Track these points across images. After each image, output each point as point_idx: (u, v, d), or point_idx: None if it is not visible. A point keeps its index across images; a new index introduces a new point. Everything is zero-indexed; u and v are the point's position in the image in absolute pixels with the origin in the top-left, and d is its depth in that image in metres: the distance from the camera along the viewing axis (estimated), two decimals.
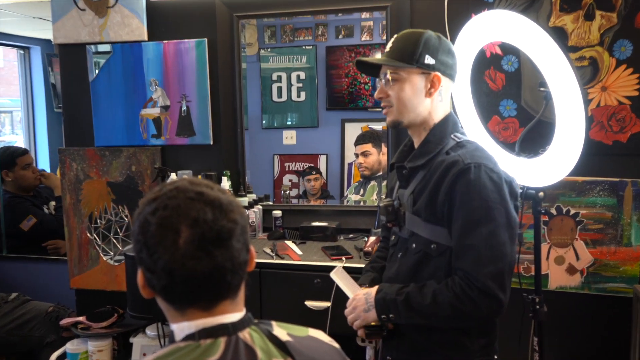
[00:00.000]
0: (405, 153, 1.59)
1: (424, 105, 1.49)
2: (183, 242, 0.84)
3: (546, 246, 2.40)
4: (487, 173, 1.36)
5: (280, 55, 4.18)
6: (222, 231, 0.86)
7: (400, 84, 1.48)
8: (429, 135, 1.50)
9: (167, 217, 0.86)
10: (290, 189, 4.16)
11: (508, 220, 1.36)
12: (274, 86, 4.21)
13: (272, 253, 2.46)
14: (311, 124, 4.19)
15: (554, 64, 1.66)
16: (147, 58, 2.91)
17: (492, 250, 1.33)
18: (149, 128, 2.95)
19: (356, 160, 3.45)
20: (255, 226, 2.76)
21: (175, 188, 0.89)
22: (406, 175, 1.52)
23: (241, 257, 0.90)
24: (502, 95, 2.43)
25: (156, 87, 2.92)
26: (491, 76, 2.44)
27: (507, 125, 2.44)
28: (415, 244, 1.47)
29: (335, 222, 2.74)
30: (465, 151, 1.41)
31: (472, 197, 1.34)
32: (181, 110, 2.90)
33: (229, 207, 0.90)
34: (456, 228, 1.36)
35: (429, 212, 1.42)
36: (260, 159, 4.25)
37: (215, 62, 2.83)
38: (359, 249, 2.46)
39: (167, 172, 2.77)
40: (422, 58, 1.46)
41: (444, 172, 1.39)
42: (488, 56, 2.42)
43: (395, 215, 1.54)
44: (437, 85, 1.48)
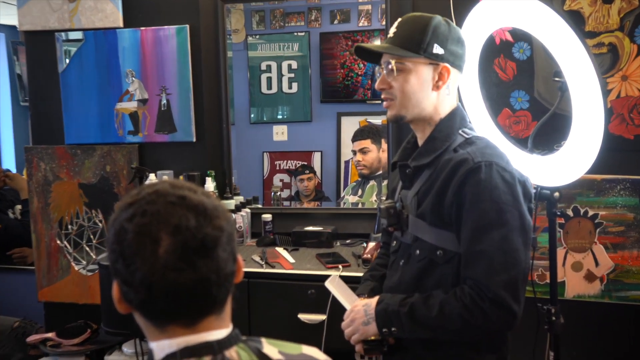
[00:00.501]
0: (409, 150, 1.59)
1: (429, 99, 1.49)
2: (163, 252, 0.84)
3: (562, 251, 2.41)
4: (499, 172, 1.36)
5: (269, 42, 4.18)
6: (207, 239, 0.86)
7: (405, 75, 1.47)
8: (435, 132, 1.50)
9: (146, 224, 0.85)
10: (281, 190, 4.16)
11: (522, 223, 1.36)
12: (263, 77, 4.21)
13: (262, 261, 2.46)
14: (304, 118, 4.19)
15: (570, 52, 1.66)
16: (122, 47, 2.90)
17: (505, 256, 1.33)
18: (125, 124, 2.94)
19: (354, 157, 3.45)
20: (243, 231, 2.76)
21: (155, 192, 0.89)
22: (410, 174, 1.52)
23: (227, 267, 0.89)
24: (513, 85, 2.44)
25: (133, 78, 2.91)
26: (501, 65, 2.44)
27: (519, 119, 2.45)
28: (420, 250, 1.47)
29: (330, 226, 2.75)
30: (475, 148, 1.42)
31: (482, 199, 1.35)
32: (160, 104, 2.90)
33: (214, 212, 0.89)
34: (465, 233, 1.36)
35: (435, 215, 1.42)
36: (248, 157, 4.25)
37: (198, 51, 2.82)
38: (357, 256, 2.46)
39: (146, 172, 2.77)
40: (431, 47, 1.45)
41: (452, 172, 1.39)
42: (498, 43, 2.43)
43: (398, 218, 1.54)
44: (445, 78, 1.48)
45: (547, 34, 1.71)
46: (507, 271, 1.33)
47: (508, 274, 1.32)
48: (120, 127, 2.95)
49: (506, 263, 1.33)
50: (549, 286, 1.85)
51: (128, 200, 0.90)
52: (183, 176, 2.81)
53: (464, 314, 1.35)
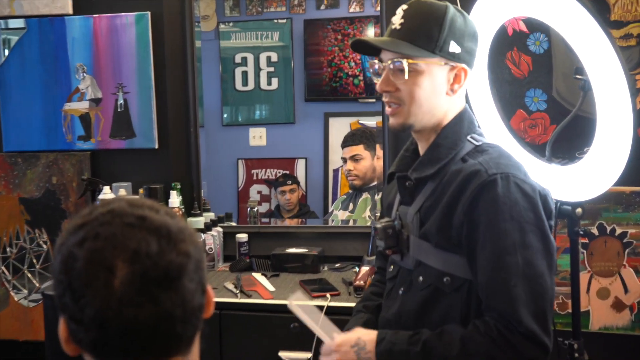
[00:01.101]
0: (408, 159, 1.60)
1: (442, 104, 1.49)
2: (119, 283, 0.83)
3: (586, 276, 2.42)
4: (517, 185, 1.38)
5: (245, 31, 4.19)
6: (171, 268, 0.86)
7: (416, 77, 1.46)
8: (440, 138, 1.50)
9: (99, 249, 0.85)
10: (258, 203, 4.15)
11: (545, 245, 1.37)
12: (238, 71, 4.22)
13: (236, 290, 2.45)
14: (286, 119, 4.20)
15: (592, 45, 1.69)
16: (72, 37, 2.89)
17: (531, 284, 1.34)
18: (74, 128, 2.94)
19: (344, 166, 3.46)
20: (214, 254, 2.75)
21: (110, 211, 0.89)
22: (410, 188, 1.52)
23: (195, 300, 0.89)
24: (529, 83, 2.46)
25: (84, 74, 2.91)
26: (514, 59, 2.47)
27: (535, 122, 2.47)
28: (423, 277, 1.48)
29: (316, 247, 2.75)
30: (488, 158, 1.43)
31: (502, 218, 1.35)
32: (117, 105, 2.89)
33: (180, 235, 0.89)
34: (484, 258, 1.37)
35: (442, 235, 1.43)
36: (221, 165, 4.25)
37: (161, 42, 2.83)
38: (348, 283, 2.46)
39: (99, 185, 2.76)
40: (447, 45, 1.45)
41: (462, 185, 1.40)
42: (510, 34, 2.46)
43: (397, 239, 1.54)
44: (462, 81, 1.49)
45: (565, 24, 1.73)
46: (534, 301, 1.34)
47: (536, 304, 1.34)
48: (69, 131, 2.95)
49: (533, 292, 1.34)
50: (570, 317, 1.87)
51: (78, 221, 0.89)
52: (143, 189, 2.81)
53: (492, 350, 1.35)
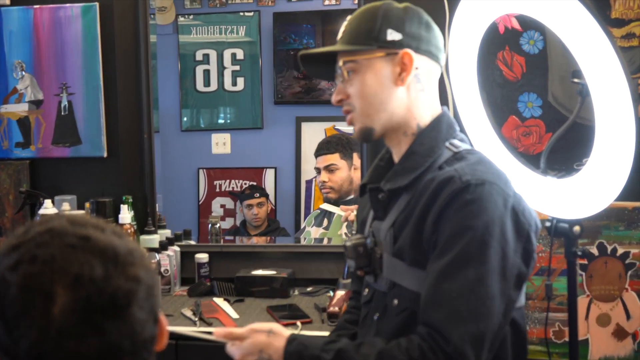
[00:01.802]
0: (382, 169, 1.62)
1: (396, 98, 1.52)
2: (59, 312, 0.83)
3: (585, 300, 2.45)
4: (491, 194, 1.39)
5: (207, 24, 4.20)
6: (118, 295, 0.86)
7: (360, 75, 1.52)
8: (415, 144, 1.52)
9: (36, 274, 0.85)
10: (222, 219, 4.14)
11: (504, 266, 1.38)
12: (199, 69, 4.23)
13: (195, 317, 2.44)
14: (253, 124, 4.21)
15: (590, 45, 1.71)
16: (9, 30, 2.89)
17: (477, 303, 1.35)
18: (11, 133, 2.94)
19: (317, 177, 3.47)
20: (170, 277, 2.75)
21: (49, 230, 0.89)
22: (383, 201, 1.53)
23: (146, 331, 0.90)
24: (522, 87, 2.49)
25: (23, 72, 2.90)
26: (506, 60, 2.50)
27: (529, 130, 2.50)
28: (398, 300, 1.48)
29: (286, 269, 2.75)
30: (465, 164, 1.44)
31: (465, 226, 1.37)
32: (60, 107, 2.89)
33: (128, 258, 0.90)
34: (435, 264, 1.38)
35: (415, 251, 1.44)
36: (179, 176, 4.25)
37: (111, 37, 2.83)
38: (322, 309, 2.47)
39: (39, 198, 2.74)
40: (384, 34, 1.51)
41: (434, 194, 1.41)
42: (502, 32, 2.48)
43: (369, 259, 1.55)
44: (409, 67, 1.51)
45: (560, 22, 1.75)
46: (475, 322, 1.34)
47: (476, 326, 1.34)
48: (5, 137, 2.94)
49: (476, 312, 1.35)
50: (568, 346, 1.88)
51: (12, 241, 0.89)
52: (90, 203, 2.80)
53: None
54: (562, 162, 1.88)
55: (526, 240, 1.43)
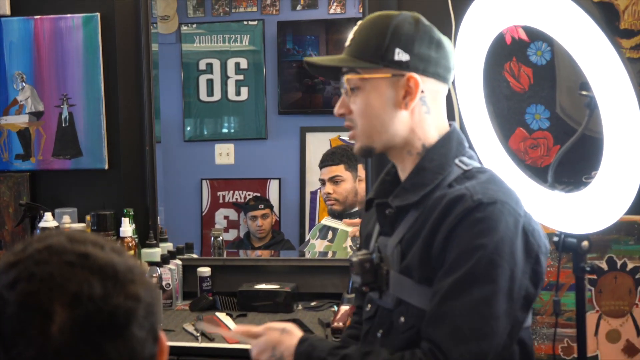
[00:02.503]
0: (388, 184, 1.61)
1: (399, 121, 1.52)
2: (57, 331, 0.83)
3: (594, 316, 2.44)
4: (502, 213, 1.39)
5: (211, 33, 4.21)
6: (117, 313, 0.86)
7: (364, 93, 1.51)
8: (424, 161, 1.52)
9: (34, 292, 0.84)
10: (225, 230, 4.15)
11: (511, 287, 1.39)
12: (202, 79, 4.23)
13: (197, 332, 2.44)
14: (257, 134, 4.22)
15: (597, 57, 1.71)
16: (9, 41, 2.90)
17: (480, 323, 1.36)
18: (11, 145, 2.94)
19: (322, 189, 3.47)
20: (172, 291, 2.75)
21: (47, 247, 0.88)
22: (391, 216, 1.53)
23: (146, 350, 0.89)
24: (530, 98, 2.48)
25: (23, 84, 2.92)
26: (513, 71, 2.50)
27: (537, 142, 2.50)
28: (405, 318, 1.48)
29: (290, 283, 2.75)
30: (476, 183, 1.44)
31: (474, 245, 1.37)
32: (61, 119, 2.90)
33: (128, 275, 0.89)
34: (442, 281, 1.39)
35: (424, 269, 1.44)
36: (182, 187, 4.25)
37: (112, 48, 2.84)
38: (325, 324, 2.47)
39: (39, 211, 2.74)
40: (391, 53, 1.49)
41: (444, 212, 1.41)
42: (509, 43, 2.48)
43: (375, 275, 1.55)
44: (414, 92, 1.50)
45: (566, 33, 1.75)
46: (477, 341, 1.35)
47: (478, 345, 1.35)
48: (5, 149, 2.95)
49: (480, 331, 1.36)
50: None
51: (10, 258, 0.89)
52: (90, 216, 2.79)
53: None
54: (571, 175, 1.88)
55: (535, 262, 1.44)
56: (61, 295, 0.84)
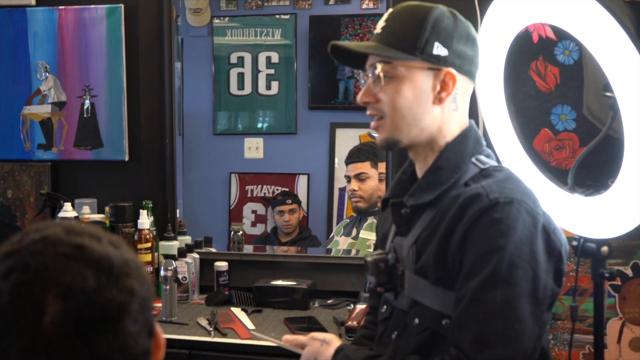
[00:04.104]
0: (405, 183, 1.60)
1: (431, 116, 1.50)
2: (49, 323, 0.83)
3: (617, 323, 2.40)
4: (519, 213, 1.38)
5: (243, 27, 4.21)
6: (110, 307, 0.86)
7: (396, 84, 1.48)
8: (440, 159, 1.51)
9: (27, 283, 0.85)
10: (253, 225, 4.16)
11: (534, 288, 1.37)
12: (233, 72, 4.24)
13: (210, 327, 2.45)
14: (286, 129, 4.21)
15: (618, 57, 1.69)
16: (33, 31, 2.92)
17: (504, 327, 1.34)
18: (34, 134, 2.97)
19: (347, 185, 3.46)
20: (189, 284, 2.76)
21: (43, 238, 0.89)
22: (406, 216, 1.52)
23: (139, 345, 0.89)
24: (556, 98, 2.45)
25: (47, 74, 2.94)
26: (539, 71, 2.47)
27: (562, 144, 2.46)
28: (419, 319, 1.48)
29: (307, 280, 2.75)
30: (492, 182, 1.43)
31: (492, 247, 1.36)
32: (83, 110, 2.92)
33: (123, 269, 0.89)
34: (464, 289, 1.38)
35: (439, 270, 1.43)
36: (211, 179, 4.26)
37: (135, 39, 2.86)
38: (340, 323, 2.46)
39: (60, 201, 2.77)
40: (430, 46, 1.46)
41: (461, 210, 1.40)
42: (536, 41, 2.45)
43: (390, 275, 1.54)
44: (450, 88, 1.49)
45: (587, 30, 1.73)
46: (503, 345, 1.34)
47: (504, 350, 1.34)
48: (28, 138, 2.98)
49: (504, 336, 1.34)
50: None
51: (7, 248, 0.89)
52: (109, 207, 2.82)
53: None
54: (596, 177, 1.85)
55: (558, 260, 1.42)
56: (54, 286, 0.84)
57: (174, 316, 2.53)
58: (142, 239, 2.71)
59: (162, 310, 2.54)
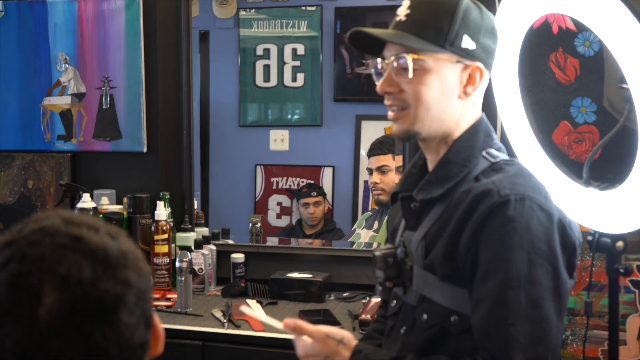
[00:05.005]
0: (415, 177, 1.58)
1: (454, 109, 1.48)
2: (45, 313, 0.84)
3: (637, 319, 2.37)
4: (533, 210, 1.36)
5: (269, 19, 4.21)
6: (105, 298, 0.86)
7: (423, 76, 1.45)
8: (450, 153, 1.49)
9: (24, 273, 0.86)
10: (278, 217, 4.17)
11: (556, 284, 1.36)
12: (259, 64, 4.24)
13: (224, 319, 2.47)
14: (312, 121, 4.21)
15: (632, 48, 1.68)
16: (54, 23, 2.95)
17: (532, 327, 1.33)
18: (54, 126, 3.00)
19: (370, 178, 3.45)
20: (205, 276, 2.77)
21: (41, 229, 0.89)
22: (415, 211, 1.51)
23: (136, 337, 0.89)
24: (576, 91, 2.42)
25: (66, 65, 2.97)
26: (559, 62, 2.44)
27: (582, 137, 2.44)
28: (427, 315, 1.47)
29: (323, 273, 2.76)
30: (503, 177, 1.41)
31: (509, 246, 1.34)
32: (102, 101, 2.94)
33: (120, 260, 0.90)
34: (483, 290, 1.36)
35: (448, 266, 1.42)
36: (236, 171, 4.28)
37: (153, 31, 2.88)
38: (354, 316, 2.45)
39: (79, 191, 2.80)
40: (459, 39, 1.44)
41: (470, 207, 1.39)
42: (555, 32, 2.42)
43: (398, 270, 1.54)
44: (477, 82, 1.47)
45: (602, 23, 1.72)
46: (533, 346, 1.33)
47: (534, 351, 1.33)
48: (48, 129, 3.01)
49: (533, 336, 1.33)
50: None
51: (7, 238, 0.90)
52: (127, 198, 2.84)
53: None
54: (615, 170, 1.84)
55: (571, 253, 1.41)
56: (51, 277, 0.85)
57: (189, 307, 2.55)
58: (159, 230, 2.73)
59: (177, 301, 2.56)
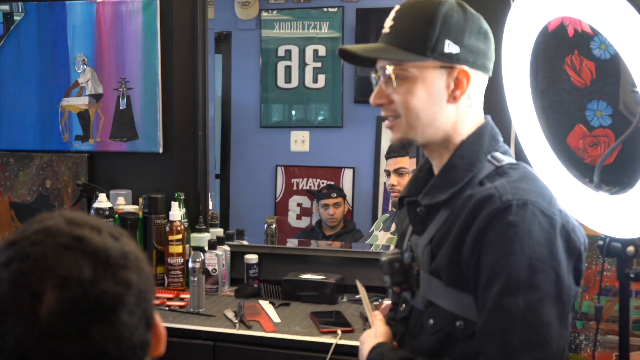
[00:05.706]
0: (421, 181, 1.59)
1: (446, 115, 1.49)
2: (46, 312, 0.85)
3: None
4: (535, 215, 1.36)
5: (291, 20, 4.22)
6: (104, 298, 0.87)
7: (409, 85, 1.46)
8: (455, 157, 1.49)
9: (26, 272, 0.87)
10: (298, 217, 4.18)
11: (558, 290, 1.35)
12: (280, 65, 4.26)
13: (236, 319, 2.48)
14: (332, 122, 4.22)
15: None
16: (72, 24, 2.98)
17: (530, 333, 1.33)
18: (72, 126, 3.03)
19: (387, 180, 3.45)
20: (219, 276, 2.79)
21: (44, 229, 0.91)
22: (421, 215, 1.51)
23: (135, 337, 0.90)
24: (591, 94, 2.41)
25: (84, 66, 3.00)
26: (574, 65, 2.43)
27: (597, 140, 2.43)
28: (434, 320, 1.47)
29: (336, 274, 2.76)
30: (506, 181, 1.41)
31: (510, 251, 1.34)
32: (119, 102, 2.97)
33: (121, 261, 0.91)
34: (484, 296, 1.37)
35: (453, 271, 1.42)
36: (257, 172, 4.30)
37: (170, 33, 2.90)
38: (365, 318, 2.44)
39: (95, 191, 2.83)
40: (441, 45, 1.44)
41: (473, 212, 1.39)
42: (571, 35, 2.42)
43: (406, 275, 1.55)
44: (464, 85, 1.47)
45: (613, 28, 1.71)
46: (531, 352, 1.32)
47: (532, 356, 1.32)
48: (66, 130, 3.04)
49: (531, 342, 1.33)
50: None
51: (11, 237, 0.92)
52: (143, 199, 2.86)
53: None
54: (632, 174, 1.83)
55: (577, 259, 1.41)
56: (52, 277, 0.86)
57: (202, 307, 2.56)
58: (173, 231, 2.75)
59: (190, 301, 2.57)
